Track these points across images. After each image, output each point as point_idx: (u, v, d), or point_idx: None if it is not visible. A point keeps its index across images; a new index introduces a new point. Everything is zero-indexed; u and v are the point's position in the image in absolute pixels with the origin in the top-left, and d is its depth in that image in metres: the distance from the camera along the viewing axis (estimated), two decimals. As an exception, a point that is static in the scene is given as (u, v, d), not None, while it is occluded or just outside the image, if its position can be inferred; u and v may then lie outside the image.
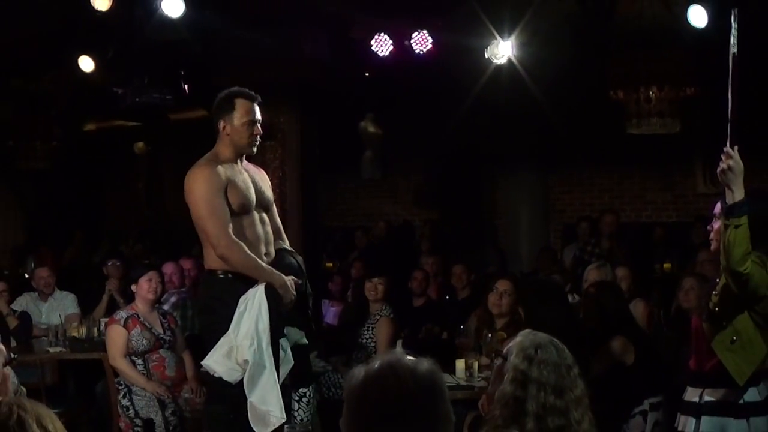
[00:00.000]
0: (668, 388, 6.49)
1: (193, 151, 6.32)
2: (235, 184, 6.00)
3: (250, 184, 6.13)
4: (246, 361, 5.79)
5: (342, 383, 8.03)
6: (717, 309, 4.72)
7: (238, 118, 6.04)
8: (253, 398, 5.85)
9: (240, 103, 6.06)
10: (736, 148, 4.47)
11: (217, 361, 5.88)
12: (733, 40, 4.53)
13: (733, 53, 4.47)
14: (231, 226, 5.92)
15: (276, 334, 5.95)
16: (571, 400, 3.72)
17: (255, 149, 6.21)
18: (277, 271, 6.01)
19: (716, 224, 4.88)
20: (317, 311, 9.79)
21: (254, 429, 5.89)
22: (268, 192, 6.36)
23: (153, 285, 7.98)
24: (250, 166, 6.32)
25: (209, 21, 9.08)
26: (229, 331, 5.86)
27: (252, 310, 5.84)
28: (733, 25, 4.59)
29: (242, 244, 5.92)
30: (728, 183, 4.45)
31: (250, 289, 5.91)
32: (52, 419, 2.82)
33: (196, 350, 7.92)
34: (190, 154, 6.32)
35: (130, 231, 16.15)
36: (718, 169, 4.47)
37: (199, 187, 5.96)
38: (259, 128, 6.13)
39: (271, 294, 5.91)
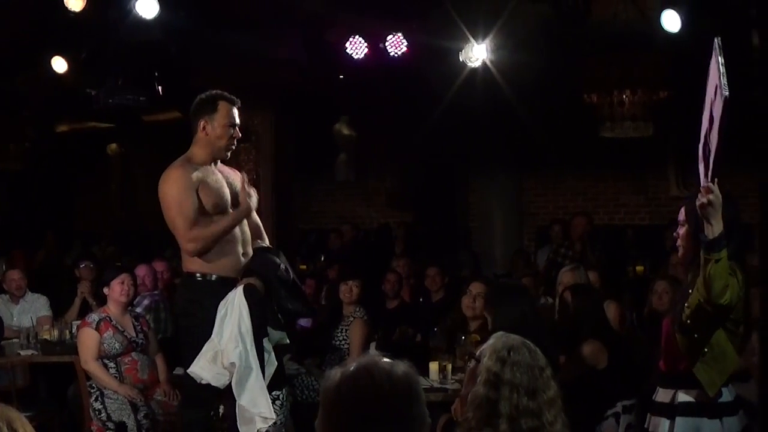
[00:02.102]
0: (640, 390, 6.51)
1: (167, 152, 6.32)
2: (207, 185, 6.01)
3: (224, 184, 6.14)
4: (233, 364, 5.79)
5: (315, 386, 8.02)
6: (689, 321, 4.73)
7: (219, 119, 6.07)
8: (243, 401, 5.84)
9: (222, 106, 6.11)
10: (716, 181, 4.43)
11: (204, 368, 5.87)
12: (723, 79, 4.42)
13: (725, 97, 4.35)
14: (194, 224, 5.94)
15: (260, 335, 5.94)
16: (544, 401, 3.73)
17: (229, 154, 6.24)
18: (232, 213, 6.02)
19: (682, 230, 4.91)
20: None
21: (240, 431, 5.89)
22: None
23: (125, 288, 7.94)
24: (225, 168, 6.32)
25: (184, 22, 9.05)
26: (213, 335, 5.85)
27: (233, 313, 5.84)
28: (720, 60, 4.48)
29: (201, 227, 5.92)
30: (708, 217, 4.39)
31: (230, 293, 5.91)
32: (22, 423, 2.79)
33: (169, 353, 7.92)
34: (163, 155, 6.32)
35: (102, 233, 16.08)
36: (698, 203, 4.42)
37: (170, 188, 5.98)
38: (238, 131, 6.16)
39: (252, 295, 5.91)
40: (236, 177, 6.39)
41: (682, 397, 4.92)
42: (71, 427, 8.63)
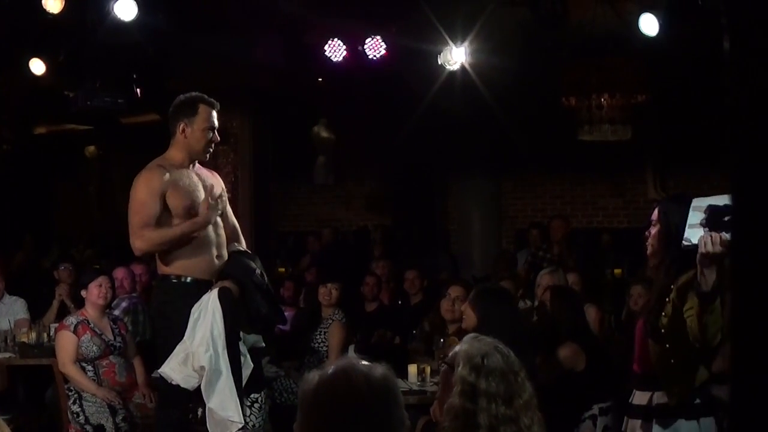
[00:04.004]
0: (618, 392, 6.54)
1: (145, 155, 6.31)
2: (179, 188, 5.98)
3: (199, 188, 6.11)
4: (202, 368, 5.79)
5: (294, 389, 8.02)
6: (664, 332, 4.75)
7: (198, 123, 6.05)
8: (212, 404, 5.84)
9: (202, 109, 6.08)
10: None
11: (174, 369, 5.87)
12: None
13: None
14: (148, 227, 5.91)
15: (233, 339, 5.94)
16: (520, 406, 3.74)
17: (208, 156, 6.23)
18: (188, 221, 5.95)
19: (654, 229, 4.93)
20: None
21: None
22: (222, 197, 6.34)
23: (103, 290, 7.91)
24: (203, 170, 6.30)
25: (162, 25, 9.03)
26: (185, 338, 5.85)
27: (206, 317, 5.83)
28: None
29: (152, 229, 5.90)
30: (706, 265, 4.37)
31: (204, 296, 5.91)
32: (0, 426, 2.79)
33: (148, 356, 7.89)
34: (141, 158, 6.31)
35: (80, 235, 16.02)
36: (704, 252, 4.35)
37: (137, 190, 6.01)
38: (217, 135, 6.15)
39: (226, 298, 5.90)
40: (214, 180, 6.38)
41: (659, 398, 4.94)
42: (50, 430, 8.60)
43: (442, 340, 7.46)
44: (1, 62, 10.95)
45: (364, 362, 2.63)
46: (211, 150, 6.21)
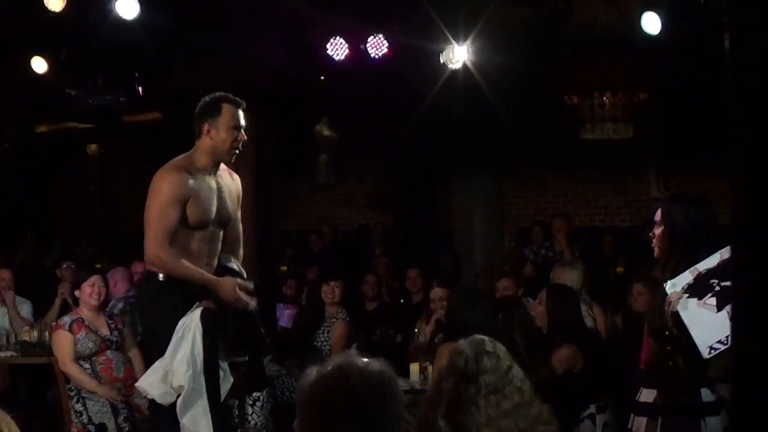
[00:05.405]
0: (619, 389, 6.55)
1: (147, 153, 6.30)
2: (198, 198, 5.92)
3: (214, 201, 6.03)
4: (181, 386, 5.77)
5: (296, 387, 8.02)
6: (668, 333, 4.77)
7: (223, 122, 5.97)
8: (185, 420, 5.83)
9: (226, 108, 6.02)
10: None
11: (152, 384, 5.86)
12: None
13: None
14: (169, 237, 5.84)
15: (213, 357, 5.89)
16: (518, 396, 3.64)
17: (233, 158, 6.15)
18: (214, 278, 5.93)
19: (658, 230, 4.93)
20: (272, 315, 9.81)
21: None
22: (234, 206, 6.27)
23: (96, 290, 7.93)
24: (225, 173, 6.23)
25: (164, 23, 9.02)
26: (166, 354, 5.82)
27: (188, 336, 5.80)
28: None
29: (172, 253, 5.86)
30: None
31: (188, 313, 5.86)
32: (8, 423, 2.79)
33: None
34: (143, 156, 6.31)
35: (82, 234, 16.02)
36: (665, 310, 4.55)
37: (161, 189, 5.88)
38: (243, 134, 6.06)
39: (207, 320, 5.84)
40: (233, 184, 6.32)
41: (665, 397, 4.94)
42: (52, 429, 8.60)
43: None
44: (2, 60, 10.94)
45: (364, 358, 2.62)
46: (237, 151, 6.12)
